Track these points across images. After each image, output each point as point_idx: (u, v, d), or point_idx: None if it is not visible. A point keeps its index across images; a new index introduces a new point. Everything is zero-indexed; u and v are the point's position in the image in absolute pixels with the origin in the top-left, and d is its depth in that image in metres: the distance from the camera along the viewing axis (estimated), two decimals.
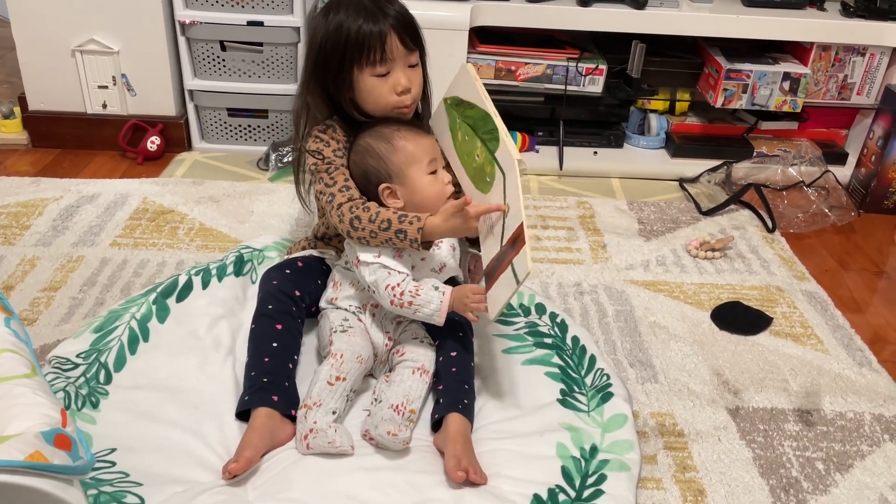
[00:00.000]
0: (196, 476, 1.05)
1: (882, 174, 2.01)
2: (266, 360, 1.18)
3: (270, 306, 1.23)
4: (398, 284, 1.17)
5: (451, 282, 1.25)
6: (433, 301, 1.17)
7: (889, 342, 1.52)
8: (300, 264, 1.32)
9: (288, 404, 1.14)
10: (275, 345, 1.19)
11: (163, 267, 1.56)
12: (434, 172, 1.24)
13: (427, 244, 1.20)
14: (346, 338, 1.20)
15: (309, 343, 1.31)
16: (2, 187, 1.84)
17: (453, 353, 1.22)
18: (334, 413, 1.12)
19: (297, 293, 1.26)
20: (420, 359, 1.20)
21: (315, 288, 1.30)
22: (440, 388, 1.19)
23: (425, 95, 1.36)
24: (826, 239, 1.89)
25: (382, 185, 1.23)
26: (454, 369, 1.20)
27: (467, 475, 1.04)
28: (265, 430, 1.09)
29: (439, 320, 1.17)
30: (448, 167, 1.32)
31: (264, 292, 1.26)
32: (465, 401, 1.17)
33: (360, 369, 1.18)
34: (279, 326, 1.21)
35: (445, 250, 1.26)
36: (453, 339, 1.24)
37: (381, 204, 1.23)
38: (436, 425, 1.16)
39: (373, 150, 1.24)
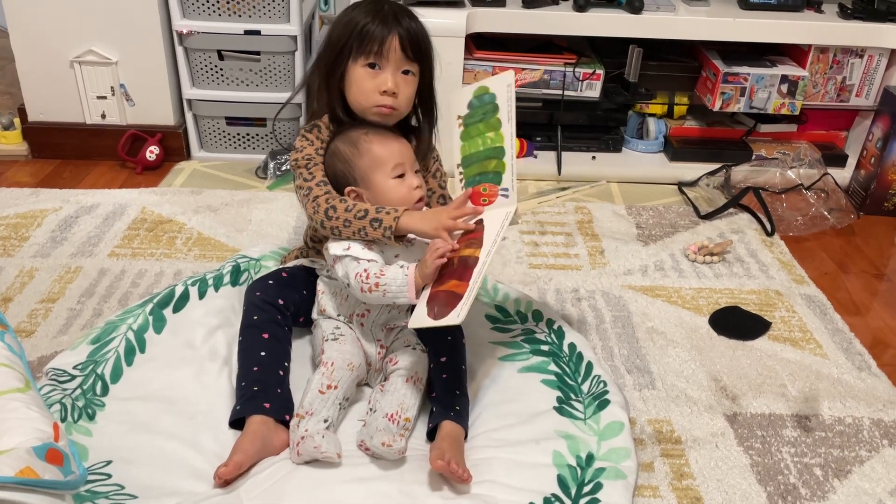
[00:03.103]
0: (191, 487, 1.05)
1: (881, 176, 2.01)
2: (255, 369, 1.18)
3: (255, 317, 1.24)
4: (365, 270, 1.16)
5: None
6: (398, 277, 1.14)
7: (889, 346, 1.51)
8: (284, 275, 1.33)
9: (281, 410, 1.15)
10: (263, 354, 1.20)
11: (160, 277, 1.57)
12: (401, 176, 1.24)
13: (399, 238, 1.20)
14: (336, 346, 1.20)
15: (304, 354, 1.31)
16: (1, 198, 1.84)
17: (443, 359, 1.22)
18: (326, 421, 1.12)
19: (281, 302, 1.26)
20: (413, 366, 1.20)
21: (299, 297, 1.30)
22: (433, 395, 1.19)
23: (429, 111, 1.36)
24: (825, 242, 1.89)
25: (348, 188, 1.25)
26: (444, 375, 1.20)
27: (448, 465, 1.03)
28: (258, 435, 1.10)
29: (409, 295, 1.15)
30: (422, 172, 1.33)
31: (248, 304, 1.27)
32: (457, 407, 1.17)
33: (352, 377, 1.18)
34: (265, 335, 1.22)
35: (419, 248, 1.25)
36: (442, 344, 1.24)
37: (344, 199, 1.23)
38: (431, 435, 1.16)
39: (340, 154, 1.25)
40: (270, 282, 1.30)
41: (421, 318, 1.12)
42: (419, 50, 1.26)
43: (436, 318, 1.10)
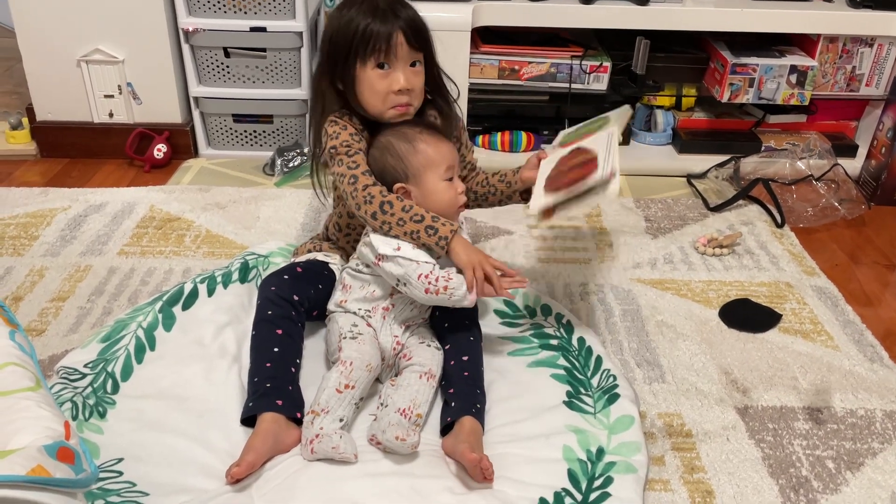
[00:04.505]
0: (202, 484, 1.05)
1: (892, 166, 1.99)
2: (268, 364, 1.18)
3: (270, 312, 1.24)
4: (431, 272, 1.18)
5: None
6: (464, 283, 1.18)
7: None
8: (299, 269, 1.33)
9: (293, 407, 1.15)
10: (276, 350, 1.20)
11: (169, 275, 1.57)
12: (450, 179, 1.26)
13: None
14: (355, 345, 1.20)
15: (314, 347, 1.31)
16: (11, 198, 1.85)
17: (465, 358, 1.22)
18: (341, 420, 1.12)
19: (296, 297, 1.26)
20: (427, 363, 1.20)
21: (314, 293, 1.31)
22: (451, 391, 1.19)
23: (444, 96, 1.37)
24: (836, 233, 1.87)
25: (398, 185, 1.25)
26: (466, 374, 1.20)
27: (481, 461, 1.04)
28: (269, 434, 1.10)
29: (471, 300, 1.18)
30: (462, 176, 1.38)
31: (263, 298, 1.27)
32: (478, 405, 1.17)
33: (369, 377, 1.18)
34: (279, 331, 1.22)
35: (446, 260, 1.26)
36: (465, 343, 1.24)
37: (399, 198, 1.25)
38: (445, 430, 1.16)
39: (393, 149, 1.26)
40: (286, 276, 1.30)
41: (540, 200, 1.24)
42: (422, 38, 1.27)
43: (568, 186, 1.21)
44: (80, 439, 0.87)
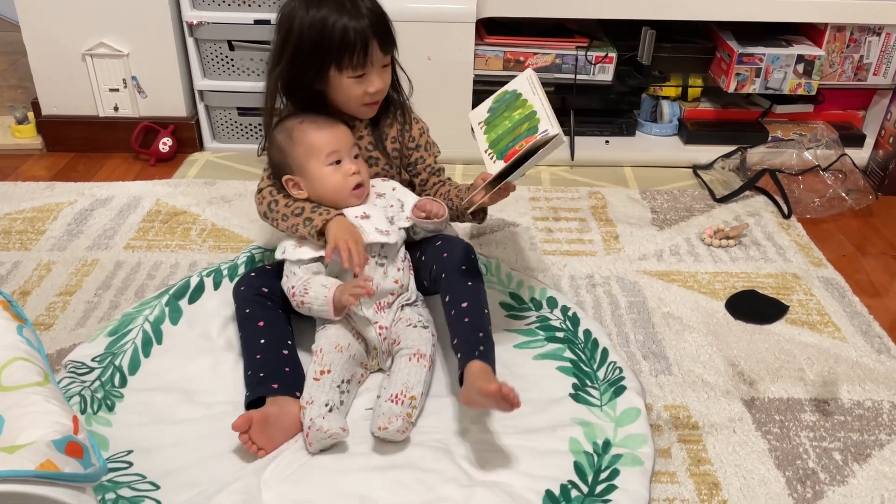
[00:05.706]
0: (210, 476, 1.06)
1: None
2: (258, 357, 1.21)
3: (247, 310, 1.26)
4: (293, 286, 1.23)
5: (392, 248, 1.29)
6: (319, 297, 1.21)
7: None
8: (268, 267, 1.36)
9: (292, 387, 1.17)
10: (262, 341, 1.22)
11: (176, 269, 1.57)
12: (338, 163, 1.27)
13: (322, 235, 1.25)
14: (323, 333, 1.24)
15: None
16: (17, 192, 1.86)
17: (464, 305, 1.20)
18: (327, 405, 1.12)
19: (265, 290, 1.28)
20: (414, 344, 1.21)
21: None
22: (455, 342, 1.18)
23: (398, 91, 1.39)
24: (843, 223, 1.86)
25: (285, 177, 1.29)
26: (466, 320, 1.18)
27: (500, 389, 1.03)
28: (274, 405, 1.13)
29: (329, 313, 1.21)
30: (423, 179, 1.41)
31: (238, 300, 1.29)
32: (481, 347, 1.14)
33: (343, 357, 1.19)
34: (261, 324, 1.24)
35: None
36: (462, 290, 1.22)
37: (288, 195, 1.30)
38: (462, 380, 1.13)
39: (277, 144, 1.29)
40: (252, 274, 1.33)
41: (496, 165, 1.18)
42: (391, 38, 1.29)
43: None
44: (89, 433, 0.88)
